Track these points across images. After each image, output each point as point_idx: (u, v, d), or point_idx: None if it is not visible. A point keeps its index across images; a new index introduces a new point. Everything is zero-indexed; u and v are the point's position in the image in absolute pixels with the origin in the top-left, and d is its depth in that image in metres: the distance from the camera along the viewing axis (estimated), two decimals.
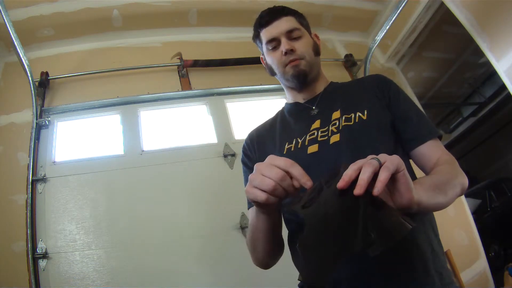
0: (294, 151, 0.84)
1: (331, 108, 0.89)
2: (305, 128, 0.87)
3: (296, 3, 2.58)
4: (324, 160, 0.79)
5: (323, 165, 0.78)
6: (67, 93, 2.22)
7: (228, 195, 2.00)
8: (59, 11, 2.21)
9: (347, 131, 0.81)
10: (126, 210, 1.88)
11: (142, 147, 2.09)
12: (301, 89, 0.96)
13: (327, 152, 0.80)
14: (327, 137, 0.82)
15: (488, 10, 1.75)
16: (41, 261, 1.71)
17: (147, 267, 1.77)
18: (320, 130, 0.84)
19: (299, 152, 0.83)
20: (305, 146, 0.83)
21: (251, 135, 1.01)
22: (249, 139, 1.00)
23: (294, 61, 0.91)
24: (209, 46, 2.58)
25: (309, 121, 0.89)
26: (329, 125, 0.84)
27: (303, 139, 0.85)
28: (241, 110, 2.38)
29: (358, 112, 0.84)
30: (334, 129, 0.83)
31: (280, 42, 0.92)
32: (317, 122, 0.87)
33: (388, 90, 0.90)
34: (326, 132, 0.83)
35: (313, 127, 0.86)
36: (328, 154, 0.80)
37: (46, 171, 1.92)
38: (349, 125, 0.82)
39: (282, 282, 1.82)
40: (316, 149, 0.81)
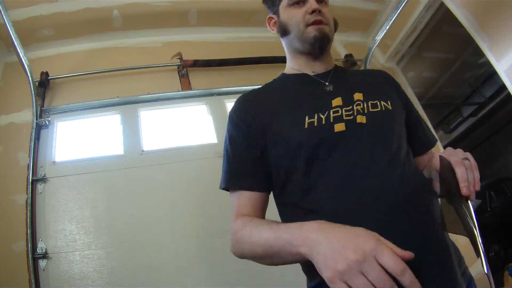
0: (318, 126, 0.75)
1: (350, 88, 0.82)
2: (324, 103, 0.79)
3: None
4: (352, 142, 0.73)
5: (350, 146, 0.73)
6: (67, 93, 2.22)
7: (228, 195, 2.00)
8: (59, 11, 2.21)
9: (373, 116, 0.77)
10: (126, 210, 1.88)
11: (142, 147, 2.09)
12: (316, 57, 0.88)
13: (355, 133, 0.74)
14: (353, 117, 0.76)
15: (488, 10, 1.75)
16: (41, 261, 1.71)
17: (147, 267, 1.77)
18: (344, 108, 0.77)
19: (324, 129, 0.74)
20: (330, 123, 0.75)
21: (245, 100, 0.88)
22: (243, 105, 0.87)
23: (320, 23, 0.84)
24: (209, 46, 2.58)
25: (327, 96, 0.81)
26: (353, 105, 0.78)
27: (326, 115, 0.76)
28: None
29: (382, 101, 0.80)
30: (360, 109, 0.77)
31: (305, 0, 0.86)
32: (338, 99, 0.79)
33: (402, 91, 0.91)
34: (352, 112, 0.77)
35: (334, 103, 0.78)
36: (356, 135, 0.74)
37: (46, 171, 1.92)
38: (376, 111, 0.78)
39: (282, 282, 1.82)
40: (344, 128, 0.74)
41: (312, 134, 0.74)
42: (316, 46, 0.85)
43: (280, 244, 0.63)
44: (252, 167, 0.80)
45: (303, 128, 0.75)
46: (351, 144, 0.73)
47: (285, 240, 0.61)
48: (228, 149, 0.84)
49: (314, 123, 0.75)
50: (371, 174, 0.69)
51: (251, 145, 0.80)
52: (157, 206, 1.92)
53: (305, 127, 0.75)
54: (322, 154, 0.73)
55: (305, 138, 0.74)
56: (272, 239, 0.64)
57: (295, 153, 0.74)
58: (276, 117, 0.80)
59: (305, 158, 0.73)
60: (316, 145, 0.73)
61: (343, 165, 0.71)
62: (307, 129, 0.75)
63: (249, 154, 0.80)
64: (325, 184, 0.71)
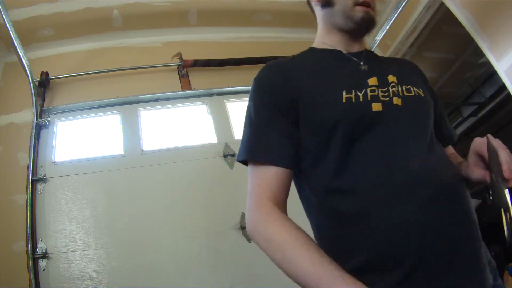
0: (356, 103, 0.71)
1: (383, 70, 0.80)
2: (360, 81, 0.75)
3: (296, 3, 2.58)
4: (389, 123, 0.70)
5: (388, 127, 0.70)
6: (67, 93, 2.22)
7: (228, 195, 2.00)
8: (59, 11, 2.21)
9: (408, 100, 0.75)
10: (126, 210, 1.88)
11: (142, 147, 2.09)
12: (355, 37, 0.85)
13: (392, 114, 0.71)
14: (389, 98, 0.73)
15: (488, 10, 1.75)
16: (41, 261, 1.71)
17: (147, 267, 1.77)
18: (380, 89, 0.74)
19: (362, 107, 0.71)
20: (367, 101, 0.71)
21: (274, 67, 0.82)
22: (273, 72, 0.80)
23: (368, 6, 0.81)
24: (209, 46, 2.58)
25: (362, 75, 0.77)
26: (388, 87, 0.75)
27: (363, 93, 0.72)
28: (241, 110, 2.38)
29: (414, 87, 0.78)
30: (395, 91, 0.75)
31: None
32: (373, 79, 0.76)
33: (429, 83, 0.89)
34: (387, 93, 0.74)
35: (370, 83, 0.75)
36: (393, 117, 0.71)
37: (46, 171, 1.92)
38: (410, 95, 0.76)
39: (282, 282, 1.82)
40: (381, 109, 0.71)
41: (350, 110, 0.70)
42: (363, 28, 0.82)
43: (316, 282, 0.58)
44: (281, 139, 0.72)
45: (341, 103, 0.70)
46: (389, 125, 0.70)
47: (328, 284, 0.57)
48: (253, 118, 0.76)
49: (352, 99, 0.71)
50: (409, 158, 0.67)
51: (281, 115, 0.73)
52: (157, 206, 1.92)
53: (343, 102, 0.70)
54: (360, 132, 0.69)
55: (342, 113, 0.69)
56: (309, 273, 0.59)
57: (330, 129, 0.69)
58: (309, 89, 0.74)
59: (341, 135, 0.68)
60: (354, 122, 0.69)
61: (381, 146, 0.68)
62: (344, 104, 0.70)
63: (277, 124, 0.73)
64: (362, 164, 0.68)
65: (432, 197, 0.64)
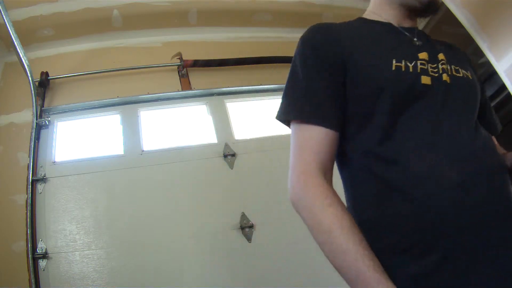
0: (405, 72, 0.69)
1: (434, 47, 0.78)
2: (411, 53, 0.73)
3: (296, 3, 2.59)
4: (438, 97, 0.68)
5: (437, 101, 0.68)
6: (67, 93, 2.22)
7: (228, 195, 2.00)
8: (59, 11, 2.21)
9: (456, 79, 0.73)
10: (126, 210, 1.88)
11: (142, 147, 2.09)
12: (414, 16, 0.84)
13: (440, 89, 0.69)
14: (439, 74, 0.71)
15: (488, 10, 1.75)
16: (41, 261, 1.71)
17: (147, 267, 1.77)
18: (430, 64, 0.72)
19: (411, 77, 0.69)
20: (417, 73, 0.69)
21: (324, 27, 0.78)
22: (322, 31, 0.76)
23: None
24: (209, 46, 2.58)
25: (413, 48, 0.75)
26: (438, 63, 0.73)
27: (413, 65, 0.70)
28: (241, 110, 2.38)
29: (463, 70, 0.76)
30: (445, 68, 0.73)
31: None
32: (424, 53, 0.73)
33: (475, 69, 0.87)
34: (437, 69, 0.72)
35: (421, 56, 0.72)
36: (440, 92, 0.69)
37: (46, 171, 1.92)
38: (459, 76, 0.74)
39: (282, 281, 1.82)
40: (429, 82, 0.69)
41: (399, 78, 0.68)
42: (428, 10, 0.81)
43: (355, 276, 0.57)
44: (330, 100, 0.69)
45: (391, 70, 0.68)
46: (437, 99, 0.68)
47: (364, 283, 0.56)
48: (300, 77, 0.72)
49: (402, 68, 0.69)
50: (456, 134, 0.66)
51: (329, 75, 0.70)
52: (157, 206, 1.92)
53: (393, 69, 0.69)
54: (407, 102, 0.67)
55: (392, 80, 0.68)
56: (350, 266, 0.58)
57: (378, 94, 0.67)
58: (359, 53, 0.71)
59: (389, 101, 0.66)
60: (403, 91, 0.67)
61: (428, 119, 0.66)
62: (394, 72, 0.68)
63: (326, 84, 0.70)
64: (407, 134, 0.65)
65: (476, 177, 0.61)
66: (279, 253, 1.89)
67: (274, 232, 1.94)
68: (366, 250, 0.59)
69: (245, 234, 1.91)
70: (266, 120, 2.41)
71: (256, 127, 2.34)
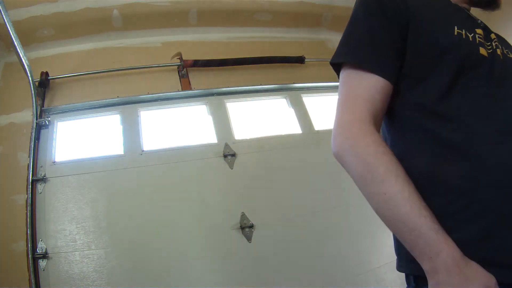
0: (466, 39, 0.68)
1: (487, 29, 0.79)
2: (470, 25, 0.73)
3: (296, 3, 2.59)
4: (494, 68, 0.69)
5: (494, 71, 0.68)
6: (67, 93, 2.22)
7: (228, 195, 2.00)
8: (59, 11, 2.21)
9: (507, 59, 0.74)
10: (126, 210, 1.88)
11: (142, 147, 2.09)
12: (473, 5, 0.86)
13: (496, 62, 0.70)
14: (493, 50, 0.72)
15: None
16: (41, 261, 1.71)
17: (147, 267, 1.77)
18: (484, 40, 0.73)
19: (471, 45, 0.69)
20: (476, 43, 0.69)
21: None
22: None
23: None
24: (209, 46, 2.58)
25: (472, 23, 0.75)
26: (492, 41, 0.75)
27: (472, 35, 0.70)
28: (241, 110, 2.39)
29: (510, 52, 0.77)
30: (497, 45, 0.74)
31: None
32: (480, 30, 0.74)
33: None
34: (490, 46, 0.73)
35: (477, 31, 0.73)
36: (497, 64, 0.69)
37: (46, 171, 1.92)
38: (509, 57, 0.75)
39: (282, 281, 1.82)
40: (486, 54, 0.69)
41: (460, 43, 0.68)
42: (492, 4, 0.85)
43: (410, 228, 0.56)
44: (390, 50, 0.68)
45: (453, 34, 0.68)
46: (495, 70, 0.68)
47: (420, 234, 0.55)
48: (361, 22, 0.71)
49: (463, 35, 0.68)
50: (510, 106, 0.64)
51: (391, 27, 0.69)
52: (157, 206, 1.92)
53: (455, 34, 0.68)
54: (467, 67, 0.66)
55: (453, 44, 0.67)
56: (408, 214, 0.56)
57: (439, 55, 0.66)
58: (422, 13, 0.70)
59: (449, 63, 0.66)
60: (464, 55, 0.67)
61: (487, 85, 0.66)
62: (456, 36, 0.68)
63: (388, 34, 0.68)
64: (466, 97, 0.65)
65: None
66: (279, 253, 1.89)
67: (274, 232, 1.94)
68: (423, 202, 0.57)
69: (245, 234, 1.91)
70: (266, 120, 2.41)
71: (256, 127, 2.34)
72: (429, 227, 0.55)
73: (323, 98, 2.59)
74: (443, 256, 0.54)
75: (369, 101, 0.65)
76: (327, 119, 2.45)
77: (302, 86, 2.55)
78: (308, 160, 2.24)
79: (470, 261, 0.54)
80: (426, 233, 0.55)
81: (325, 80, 2.54)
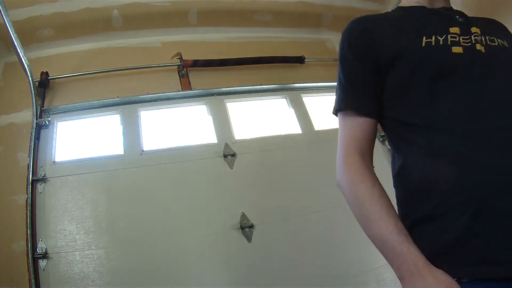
0: (435, 46, 0.74)
1: (469, 23, 0.80)
2: (442, 28, 0.77)
3: (296, 3, 2.59)
4: (472, 64, 0.71)
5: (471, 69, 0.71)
6: (67, 93, 2.22)
7: (228, 195, 2.00)
8: (59, 11, 2.21)
9: (491, 48, 0.75)
10: (126, 210, 1.88)
11: (142, 147, 2.09)
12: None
13: (474, 56, 0.72)
14: (471, 44, 0.74)
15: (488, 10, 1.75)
16: (41, 261, 1.70)
17: (147, 267, 1.77)
18: (461, 36, 0.76)
19: (442, 49, 0.73)
20: (447, 45, 0.74)
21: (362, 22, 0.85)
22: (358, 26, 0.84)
23: None
24: (209, 46, 2.58)
25: (445, 23, 0.78)
26: (471, 35, 0.76)
27: (444, 38, 0.75)
28: (241, 110, 2.39)
29: (499, 39, 0.78)
30: (478, 39, 0.75)
31: None
32: (455, 28, 0.77)
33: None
34: (469, 40, 0.75)
35: (452, 30, 0.76)
36: (475, 59, 0.72)
37: (46, 171, 1.92)
38: (494, 45, 0.76)
39: (282, 281, 1.82)
40: (461, 51, 0.73)
41: (429, 52, 0.73)
42: None
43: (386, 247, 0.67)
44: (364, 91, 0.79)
45: (421, 47, 0.74)
46: (473, 67, 0.71)
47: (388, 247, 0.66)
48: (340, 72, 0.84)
49: (432, 43, 0.75)
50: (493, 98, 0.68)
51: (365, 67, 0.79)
52: (157, 206, 1.92)
53: (423, 46, 0.74)
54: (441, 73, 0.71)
55: (422, 56, 0.73)
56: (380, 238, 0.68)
57: (413, 72, 0.73)
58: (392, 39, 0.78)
59: (424, 76, 0.72)
60: (434, 64, 0.72)
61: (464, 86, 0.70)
62: (424, 48, 0.74)
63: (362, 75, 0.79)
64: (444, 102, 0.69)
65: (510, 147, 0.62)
66: (279, 253, 1.89)
67: (274, 232, 1.94)
68: (392, 218, 0.68)
69: (245, 234, 1.91)
70: (266, 120, 2.41)
71: (256, 127, 2.34)
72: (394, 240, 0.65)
73: (323, 98, 2.59)
74: (406, 265, 0.63)
75: (354, 138, 0.78)
76: (327, 119, 2.45)
77: (302, 86, 2.55)
78: (308, 160, 2.24)
79: (433, 268, 0.62)
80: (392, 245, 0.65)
81: (325, 80, 2.54)
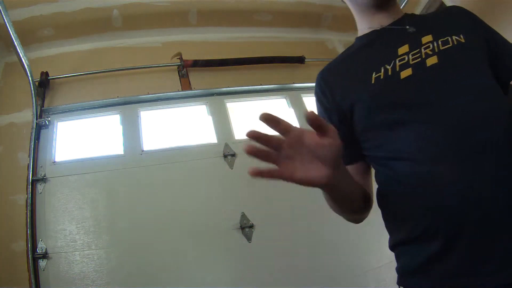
0: (384, 79, 0.75)
1: (421, 31, 0.79)
2: (390, 53, 0.78)
3: (296, 3, 2.59)
4: (423, 83, 0.71)
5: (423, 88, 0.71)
6: (67, 93, 2.22)
7: (228, 195, 2.00)
8: (59, 11, 2.21)
9: (445, 53, 0.73)
10: (126, 210, 1.89)
11: (142, 147, 2.09)
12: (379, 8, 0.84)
13: (424, 74, 0.72)
14: (421, 59, 0.74)
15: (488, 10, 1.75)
16: (41, 261, 1.71)
17: (147, 267, 1.77)
18: (411, 53, 0.75)
19: (391, 79, 0.74)
20: (396, 72, 0.74)
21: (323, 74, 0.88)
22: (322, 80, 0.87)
23: None
24: (209, 46, 2.58)
25: (394, 45, 0.79)
26: (421, 48, 0.75)
27: (392, 65, 0.75)
28: (241, 110, 2.39)
29: (453, 35, 0.75)
30: (429, 52, 0.74)
31: None
32: (405, 46, 0.77)
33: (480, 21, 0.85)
34: (419, 55, 0.74)
35: (401, 52, 0.77)
36: (426, 76, 0.72)
37: (46, 171, 1.92)
38: (447, 47, 0.74)
39: (281, 281, 1.82)
40: (410, 73, 0.73)
41: (379, 87, 0.75)
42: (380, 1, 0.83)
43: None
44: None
45: (371, 85, 0.76)
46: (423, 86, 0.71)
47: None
48: None
49: (380, 77, 0.76)
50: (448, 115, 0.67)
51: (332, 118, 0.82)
52: (157, 206, 1.92)
53: (372, 83, 0.76)
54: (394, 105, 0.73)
55: (373, 94, 0.75)
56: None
57: (368, 112, 0.75)
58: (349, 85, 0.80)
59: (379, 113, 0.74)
60: (384, 98, 0.73)
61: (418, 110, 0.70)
62: (374, 85, 0.76)
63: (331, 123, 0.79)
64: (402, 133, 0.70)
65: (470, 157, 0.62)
66: (279, 253, 1.89)
67: (274, 232, 1.94)
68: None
69: (245, 234, 1.91)
70: None
71: (256, 127, 2.33)
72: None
73: None
74: None
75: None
76: None
77: (302, 86, 2.55)
78: None
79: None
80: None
81: None
